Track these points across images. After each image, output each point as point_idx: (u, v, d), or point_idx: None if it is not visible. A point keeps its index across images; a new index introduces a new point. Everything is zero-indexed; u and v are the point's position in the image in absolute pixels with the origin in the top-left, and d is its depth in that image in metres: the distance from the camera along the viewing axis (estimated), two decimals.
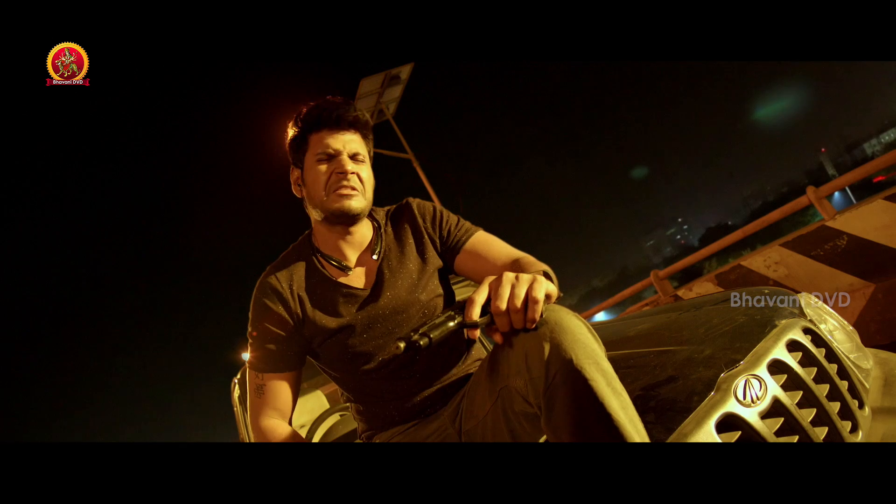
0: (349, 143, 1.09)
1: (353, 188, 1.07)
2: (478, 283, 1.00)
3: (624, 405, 0.68)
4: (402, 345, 0.71)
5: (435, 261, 1.14)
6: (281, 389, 1.08)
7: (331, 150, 1.07)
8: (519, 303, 0.72)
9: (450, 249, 1.14)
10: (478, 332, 0.75)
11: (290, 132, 1.13)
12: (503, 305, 0.73)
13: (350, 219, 1.09)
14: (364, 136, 1.13)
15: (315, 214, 1.12)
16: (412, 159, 7.79)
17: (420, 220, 1.17)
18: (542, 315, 0.74)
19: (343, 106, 1.10)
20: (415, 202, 1.20)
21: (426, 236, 1.16)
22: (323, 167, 1.08)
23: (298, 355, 1.10)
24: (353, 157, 1.09)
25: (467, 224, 1.17)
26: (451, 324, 0.74)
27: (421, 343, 0.71)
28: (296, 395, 1.11)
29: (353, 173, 1.07)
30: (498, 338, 0.77)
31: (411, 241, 1.16)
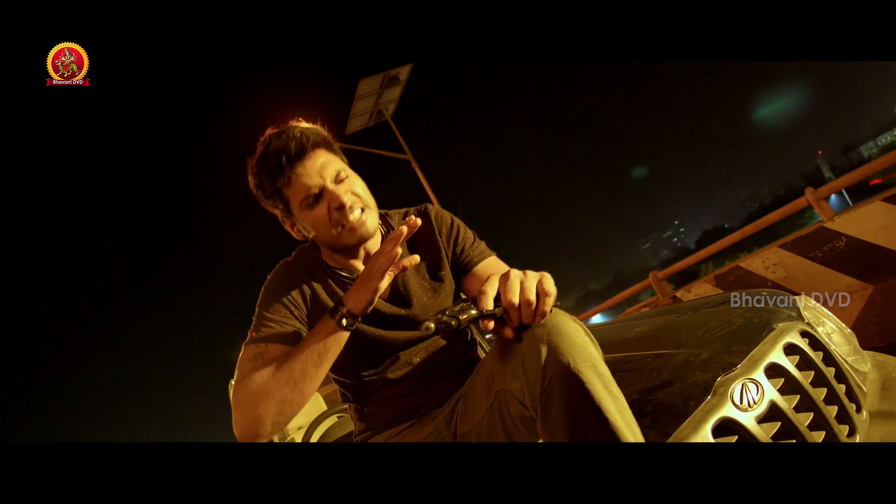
0: (325, 167, 0.98)
1: (361, 211, 0.99)
2: None
3: (620, 408, 0.68)
4: (431, 325, 0.71)
5: (449, 280, 1.12)
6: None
7: (314, 190, 0.97)
8: (532, 296, 0.71)
9: (459, 267, 1.13)
10: (491, 324, 0.74)
11: (258, 192, 1.03)
12: (516, 299, 0.71)
13: (368, 239, 1.03)
14: (331, 149, 1.03)
15: (325, 246, 1.07)
16: (411, 160, 7.80)
17: (437, 233, 1.13)
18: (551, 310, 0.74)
19: (292, 133, 0.98)
20: (433, 210, 1.16)
21: (443, 251, 1.12)
22: (316, 210, 0.99)
23: None
24: (337, 180, 0.99)
25: (482, 245, 1.14)
26: (474, 311, 0.73)
27: (452, 324, 0.71)
28: None
29: (349, 195, 0.99)
30: (508, 332, 0.76)
31: (428, 257, 1.12)
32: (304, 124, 1.03)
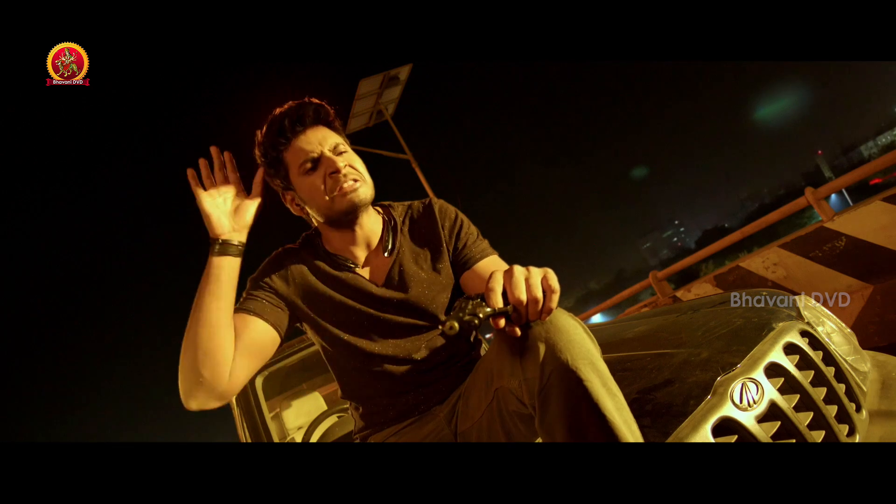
0: (324, 140, 1.05)
1: (355, 179, 1.03)
2: None
3: (619, 406, 0.68)
4: (455, 324, 0.70)
5: (448, 273, 1.12)
6: (246, 326, 0.99)
7: (312, 155, 1.03)
8: (539, 293, 0.70)
9: (459, 263, 1.12)
10: (503, 322, 0.72)
11: (262, 160, 1.08)
12: (523, 296, 0.70)
13: (360, 210, 1.05)
14: (333, 128, 1.09)
15: (320, 218, 1.09)
16: (411, 160, 7.81)
17: (440, 226, 1.14)
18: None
19: (297, 107, 1.05)
20: (437, 204, 1.17)
21: (444, 244, 1.13)
22: (313, 176, 1.04)
23: (279, 316, 1.05)
24: (336, 151, 1.05)
25: (485, 243, 1.14)
26: (488, 309, 0.72)
27: (475, 322, 0.70)
28: (261, 353, 1.00)
29: (345, 166, 1.03)
30: (516, 330, 0.74)
31: (427, 248, 1.13)
32: (315, 101, 1.08)
